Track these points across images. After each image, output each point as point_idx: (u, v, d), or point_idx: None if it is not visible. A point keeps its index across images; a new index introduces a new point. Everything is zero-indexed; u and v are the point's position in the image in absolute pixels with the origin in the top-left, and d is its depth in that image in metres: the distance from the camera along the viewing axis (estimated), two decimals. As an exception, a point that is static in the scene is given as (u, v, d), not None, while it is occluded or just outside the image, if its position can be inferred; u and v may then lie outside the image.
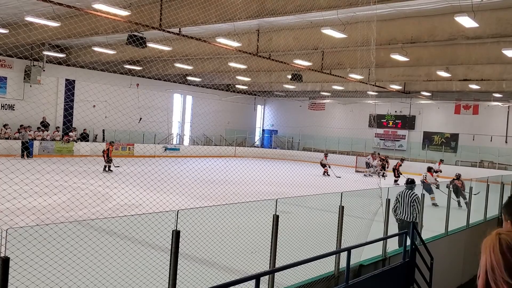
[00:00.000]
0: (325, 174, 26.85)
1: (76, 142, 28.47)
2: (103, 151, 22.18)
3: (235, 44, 18.00)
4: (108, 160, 21.76)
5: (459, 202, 16.01)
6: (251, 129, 44.25)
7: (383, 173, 28.08)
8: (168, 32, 16.30)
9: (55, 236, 4.39)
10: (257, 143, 44.82)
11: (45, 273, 4.74)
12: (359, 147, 35.79)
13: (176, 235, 4.59)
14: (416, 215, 9.45)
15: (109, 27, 17.00)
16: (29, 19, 16.28)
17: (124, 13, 14.63)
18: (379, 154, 30.40)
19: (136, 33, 17.54)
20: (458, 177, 18.58)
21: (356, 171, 31.09)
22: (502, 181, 13.65)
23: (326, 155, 28.31)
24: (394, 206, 9.68)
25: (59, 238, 4.54)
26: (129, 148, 31.05)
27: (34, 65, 26.51)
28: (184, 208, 5.13)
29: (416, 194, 9.75)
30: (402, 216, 9.52)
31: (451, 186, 15.21)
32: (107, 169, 21.70)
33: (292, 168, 23.45)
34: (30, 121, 26.50)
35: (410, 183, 10.10)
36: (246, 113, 43.65)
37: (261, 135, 45.90)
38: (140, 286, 5.55)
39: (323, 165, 27.36)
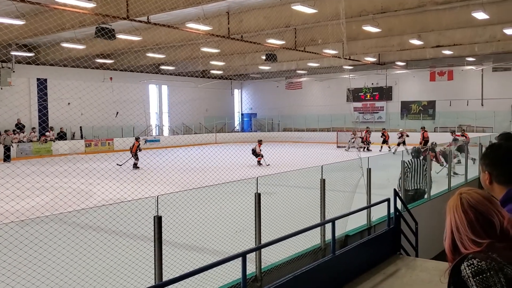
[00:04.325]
0: (259, 163, 22.75)
1: (54, 141, 28.03)
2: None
3: (206, 28, 17.78)
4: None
5: None
6: (230, 114, 44.09)
7: (367, 147, 28.46)
8: (136, 21, 16.03)
9: (32, 231, 4.30)
10: (237, 128, 44.69)
11: (25, 270, 4.66)
12: (339, 122, 35.96)
13: (158, 220, 4.55)
14: (429, 182, 9.68)
15: (76, 22, 16.62)
16: (-9, 19, 15.82)
17: (89, 5, 14.30)
18: (367, 128, 30.85)
19: (104, 25, 17.19)
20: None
21: (338, 147, 31.25)
22: (480, 142, 13.86)
23: (260, 142, 23.40)
24: (404, 176, 9.44)
25: (37, 234, 4.45)
26: (108, 143, 30.71)
27: (3, 67, 25.86)
28: (164, 193, 5.07)
29: (425, 163, 9.86)
30: (417, 186, 9.59)
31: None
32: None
33: (272, 150, 23.36)
34: (4, 124, 25.93)
35: (417, 151, 10.01)
36: (224, 99, 43.40)
37: (240, 120, 45.75)
38: (127, 275, 5.49)
39: (256, 154, 22.92)
